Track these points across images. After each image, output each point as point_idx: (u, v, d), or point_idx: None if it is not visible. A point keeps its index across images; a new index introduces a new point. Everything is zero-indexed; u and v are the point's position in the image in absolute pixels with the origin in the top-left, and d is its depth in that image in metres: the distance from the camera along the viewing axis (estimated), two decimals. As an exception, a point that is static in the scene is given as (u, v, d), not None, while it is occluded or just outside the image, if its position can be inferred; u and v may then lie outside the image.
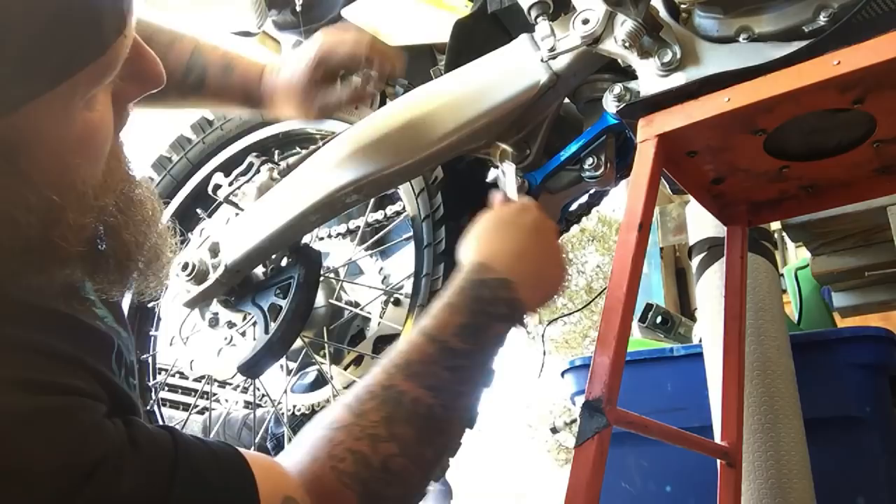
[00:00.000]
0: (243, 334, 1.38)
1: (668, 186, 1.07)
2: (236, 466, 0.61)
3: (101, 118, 0.59)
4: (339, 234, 1.57)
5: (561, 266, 0.90)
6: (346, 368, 1.50)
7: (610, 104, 0.99)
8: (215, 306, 1.40)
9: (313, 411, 1.54)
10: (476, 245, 0.87)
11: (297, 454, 0.69)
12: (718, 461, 1.05)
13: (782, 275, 2.16)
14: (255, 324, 1.35)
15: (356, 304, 1.54)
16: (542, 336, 2.37)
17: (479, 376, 0.79)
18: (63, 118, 0.56)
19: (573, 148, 1.06)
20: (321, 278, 1.37)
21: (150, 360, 1.63)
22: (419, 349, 0.76)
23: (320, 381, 1.59)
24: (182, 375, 1.64)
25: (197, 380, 1.63)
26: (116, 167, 0.64)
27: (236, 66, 1.10)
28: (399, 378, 0.74)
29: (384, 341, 1.49)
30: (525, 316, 0.84)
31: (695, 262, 1.43)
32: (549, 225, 0.91)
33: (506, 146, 1.07)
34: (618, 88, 0.99)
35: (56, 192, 0.56)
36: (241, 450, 0.63)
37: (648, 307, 1.88)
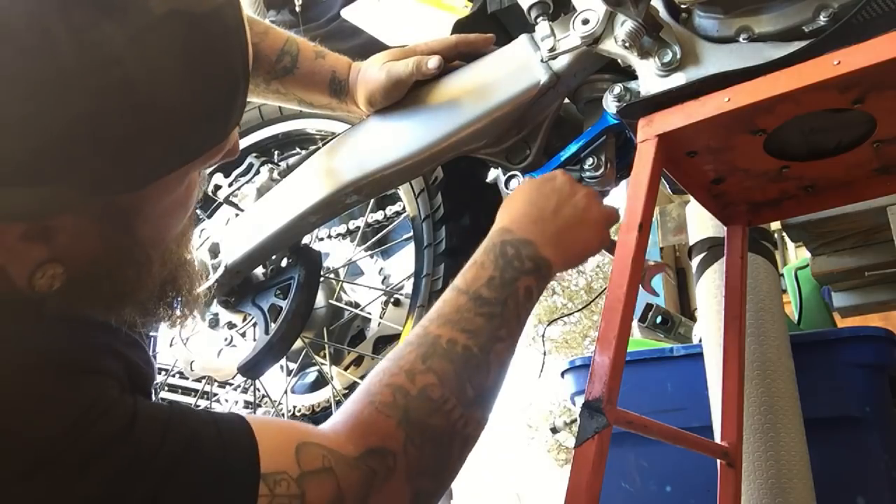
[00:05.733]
0: (243, 335, 1.38)
1: (668, 186, 1.07)
2: (235, 425, 0.63)
3: (195, 184, 0.66)
4: (339, 235, 1.57)
5: (590, 226, 0.91)
6: (346, 369, 1.50)
7: (610, 104, 0.99)
8: (215, 307, 1.40)
9: (313, 412, 1.54)
10: (503, 213, 0.90)
11: (340, 408, 0.71)
12: (718, 461, 1.05)
13: (782, 275, 2.16)
14: (255, 324, 1.36)
15: (356, 305, 1.54)
16: (543, 336, 2.38)
17: (514, 325, 0.79)
18: (175, 188, 0.63)
19: (573, 148, 1.06)
20: (321, 279, 1.37)
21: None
22: (451, 302, 0.78)
23: (320, 382, 1.59)
24: (182, 376, 1.64)
25: (197, 380, 1.63)
26: (189, 223, 0.71)
27: (327, 55, 1.15)
28: (433, 326, 0.76)
29: (384, 342, 1.49)
30: (554, 272, 0.86)
31: (695, 262, 1.43)
32: (574, 189, 0.92)
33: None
34: (618, 88, 0.99)
35: (152, 249, 0.65)
36: (252, 415, 0.66)
37: (648, 307, 1.88)
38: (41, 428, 0.54)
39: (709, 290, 1.37)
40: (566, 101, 1.13)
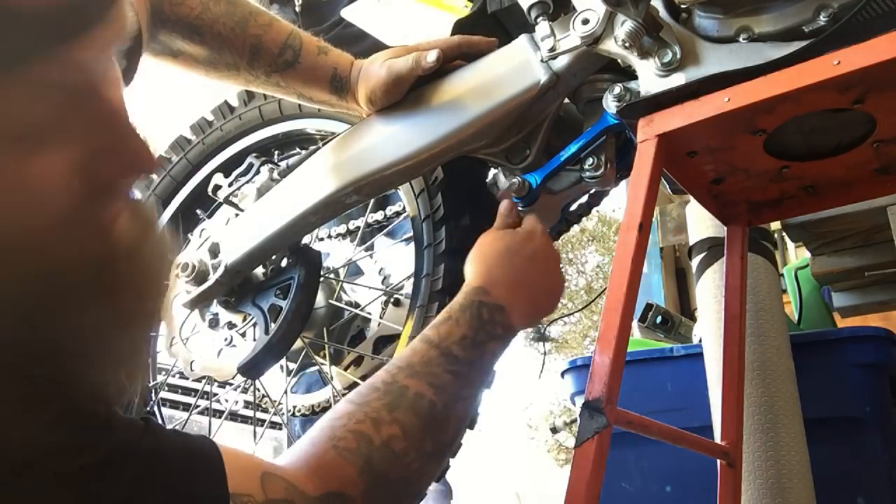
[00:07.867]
0: (243, 335, 1.38)
1: (668, 186, 1.07)
2: (204, 444, 0.62)
3: (54, 189, 0.52)
4: (338, 235, 1.57)
5: (555, 294, 0.97)
6: (346, 369, 1.50)
7: (610, 104, 0.99)
8: (215, 307, 1.39)
9: (313, 412, 1.54)
10: (480, 269, 0.92)
11: (297, 446, 0.70)
12: (718, 461, 1.05)
13: (782, 275, 2.16)
14: (255, 324, 1.35)
15: (356, 305, 1.54)
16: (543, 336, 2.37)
17: (476, 386, 0.83)
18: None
19: (573, 148, 1.06)
20: (321, 279, 1.37)
21: (150, 361, 1.63)
22: (422, 353, 0.80)
23: (320, 382, 1.59)
24: (182, 376, 1.64)
25: (197, 380, 1.62)
26: (79, 237, 0.56)
27: (330, 52, 1.16)
28: (402, 376, 0.77)
29: (384, 342, 1.49)
30: (514, 336, 0.91)
31: (695, 262, 1.43)
32: (550, 254, 0.97)
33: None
34: (618, 88, 0.99)
35: None
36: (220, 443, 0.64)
37: (648, 307, 1.88)
38: (17, 430, 0.51)
39: (709, 290, 1.37)
40: (566, 101, 1.13)
